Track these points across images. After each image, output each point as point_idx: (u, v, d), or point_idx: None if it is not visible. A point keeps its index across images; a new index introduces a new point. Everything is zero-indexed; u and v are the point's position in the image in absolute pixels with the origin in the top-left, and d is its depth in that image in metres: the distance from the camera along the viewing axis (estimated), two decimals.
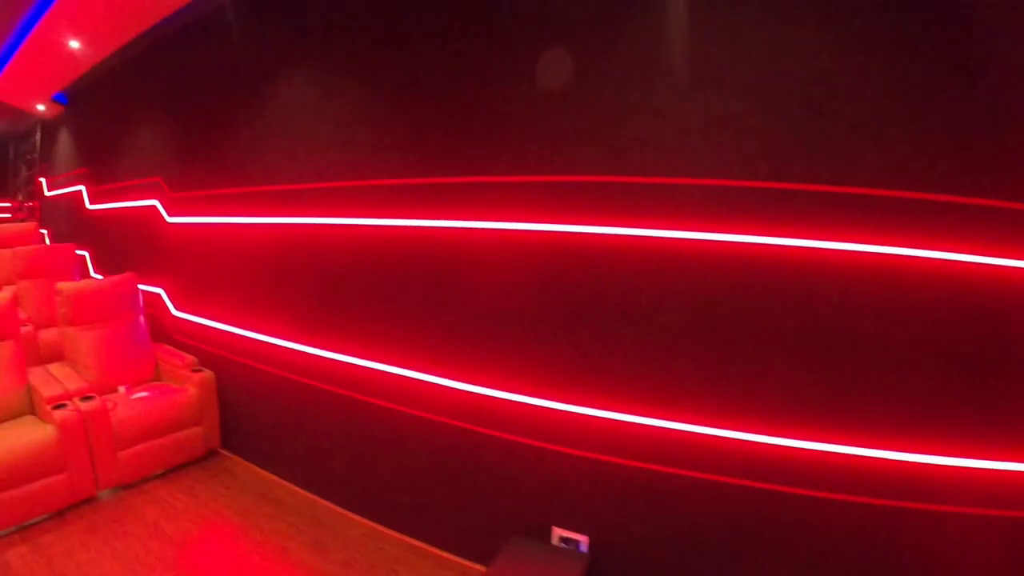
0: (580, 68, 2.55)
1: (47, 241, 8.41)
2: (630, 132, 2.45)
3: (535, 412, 2.76)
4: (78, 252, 6.50)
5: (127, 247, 5.71)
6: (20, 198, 10.69)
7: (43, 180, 9.03)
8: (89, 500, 3.72)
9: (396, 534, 3.39)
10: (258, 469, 4.18)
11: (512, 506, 2.93)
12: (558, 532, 2.76)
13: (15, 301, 4.06)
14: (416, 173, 3.05)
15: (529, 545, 2.74)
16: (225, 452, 4.44)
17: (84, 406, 3.67)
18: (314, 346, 3.63)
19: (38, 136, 9.26)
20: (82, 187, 6.95)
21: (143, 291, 4.79)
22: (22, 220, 10.33)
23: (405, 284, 3.17)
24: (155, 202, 5.05)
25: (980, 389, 1.96)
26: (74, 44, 5.12)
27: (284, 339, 3.82)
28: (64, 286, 4.35)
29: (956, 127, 1.93)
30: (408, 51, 3.08)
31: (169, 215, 4.86)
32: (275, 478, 4.05)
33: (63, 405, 3.65)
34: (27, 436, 3.47)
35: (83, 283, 4.52)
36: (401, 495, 3.37)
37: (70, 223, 7.52)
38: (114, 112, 6.04)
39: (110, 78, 5.91)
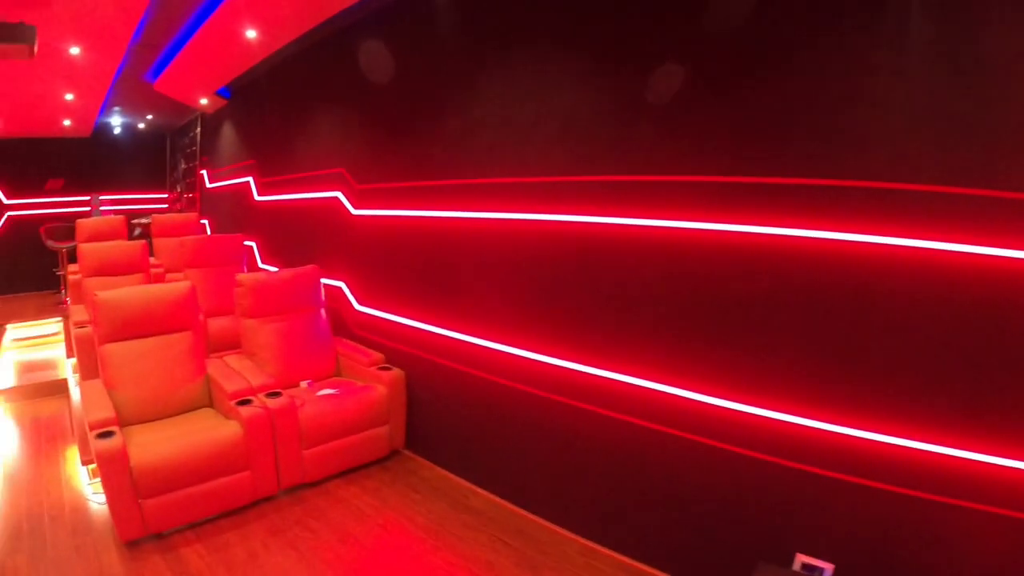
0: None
1: (208, 231, 8.75)
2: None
3: (782, 428, 2.41)
4: (246, 243, 6.62)
5: (303, 239, 5.70)
6: (179, 189, 11.23)
7: (204, 172, 9.39)
8: (269, 498, 3.64)
9: (614, 554, 3.06)
10: (448, 473, 3.97)
11: (747, 529, 2.60)
12: (801, 559, 2.42)
13: (194, 291, 4.04)
14: (667, 170, 2.67)
15: (775, 573, 2.39)
16: (409, 453, 4.27)
17: (271, 403, 3.58)
18: (518, 346, 3.36)
19: (198, 130, 9.64)
20: (249, 178, 7.11)
21: (324, 284, 4.71)
22: (180, 211, 10.87)
23: (636, 289, 2.84)
24: (338, 194, 4.94)
25: None
26: (251, 34, 5.07)
27: (482, 338, 3.57)
28: (245, 277, 4.31)
29: None
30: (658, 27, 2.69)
31: (354, 207, 4.73)
32: (468, 484, 3.82)
33: (247, 401, 3.58)
34: (212, 433, 3.41)
35: (264, 275, 4.47)
36: (619, 511, 3.06)
37: (235, 214, 7.76)
38: (286, 103, 6.06)
39: (282, 69, 5.90)
